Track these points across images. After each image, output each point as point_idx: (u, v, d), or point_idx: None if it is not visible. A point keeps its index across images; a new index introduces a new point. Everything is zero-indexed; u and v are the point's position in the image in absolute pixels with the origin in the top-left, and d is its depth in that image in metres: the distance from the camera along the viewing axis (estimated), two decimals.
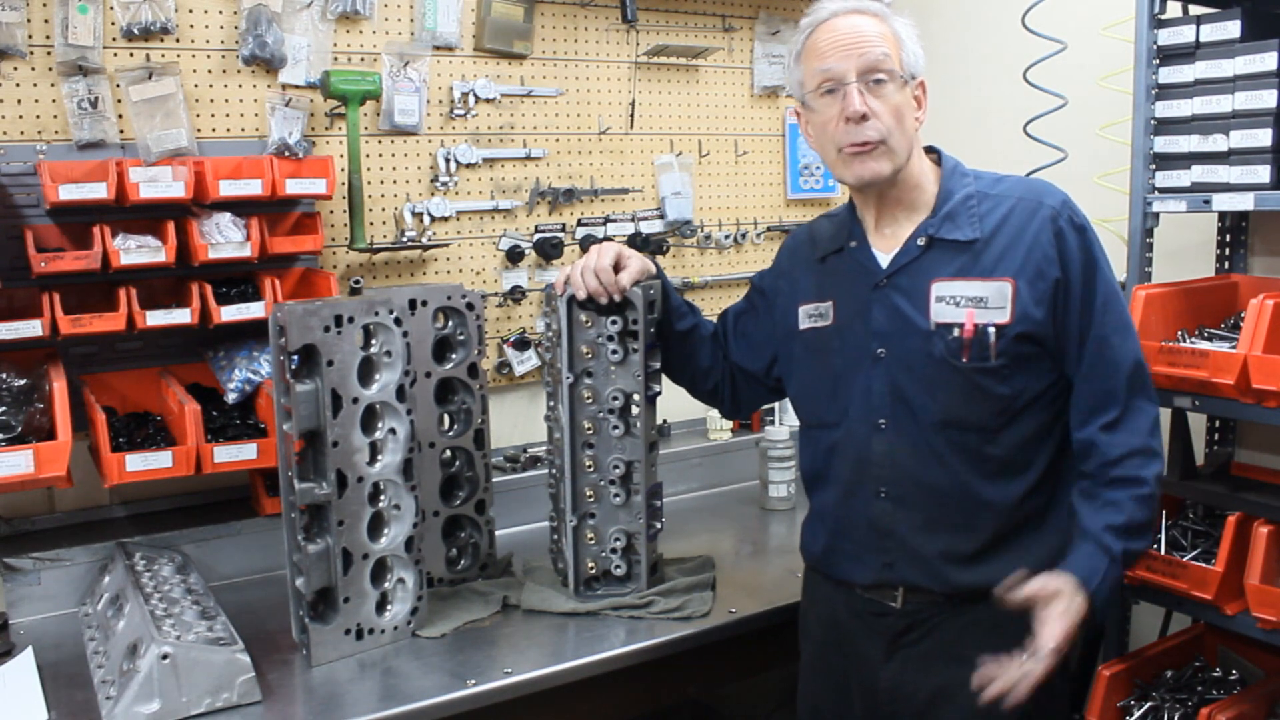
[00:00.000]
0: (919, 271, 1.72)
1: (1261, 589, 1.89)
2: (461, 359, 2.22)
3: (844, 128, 1.68)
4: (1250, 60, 2.01)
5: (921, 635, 1.76)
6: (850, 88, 1.66)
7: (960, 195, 1.73)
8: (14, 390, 2.02)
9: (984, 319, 1.66)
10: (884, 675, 1.78)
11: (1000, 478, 1.70)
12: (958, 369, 1.67)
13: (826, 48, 1.69)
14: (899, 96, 1.68)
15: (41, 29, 2.16)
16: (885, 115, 1.66)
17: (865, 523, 1.77)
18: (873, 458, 1.74)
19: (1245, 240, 2.40)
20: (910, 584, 1.75)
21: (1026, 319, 1.65)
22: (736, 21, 3.08)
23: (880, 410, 1.73)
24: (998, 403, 1.68)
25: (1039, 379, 1.69)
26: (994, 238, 1.69)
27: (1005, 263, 1.67)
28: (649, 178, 2.99)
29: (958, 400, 1.68)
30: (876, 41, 1.67)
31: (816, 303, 1.84)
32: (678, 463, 2.87)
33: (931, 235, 1.72)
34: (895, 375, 1.72)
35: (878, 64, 1.66)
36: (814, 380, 1.85)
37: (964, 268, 1.69)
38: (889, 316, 1.73)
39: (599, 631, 2.01)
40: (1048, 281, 1.66)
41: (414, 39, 2.57)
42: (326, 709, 1.73)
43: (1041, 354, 1.68)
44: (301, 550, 1.85)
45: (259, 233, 2.19)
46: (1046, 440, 1.72)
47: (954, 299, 1.68)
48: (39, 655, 1.93)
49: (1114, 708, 2.15)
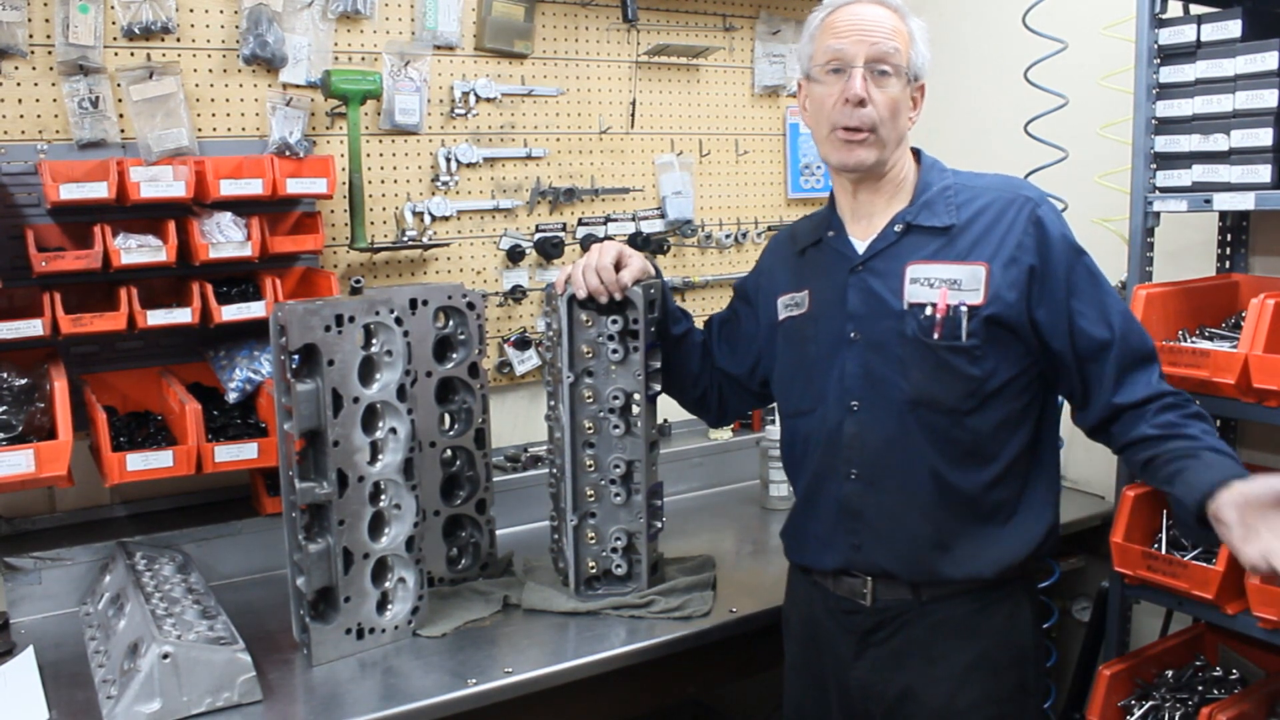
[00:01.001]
0: (895, 255, 1.75)
1: (1262, 588, 1.89)
2: (462, 358, 2.22)
3: (841, 108, 1.71)
4: (1251, 60, 2.01)
5: (890, 634, 1.77)
6: (856, 71, 1.70)
7: (938, 186, 1.77)
8: (15, 390, 2.02)
9: (956, 299, 1.68)
10: (855, 673, 1.79)
11: (967, 463, 1.72)
12: (929, 346, 1.69)
13: (843, 28, 1.72)
14: (899, 91, 1.72)
15: (42, 28, 2.16)
16: (882, 106, 1.70)
17: (835, 504, 1.79)
18: (843, 439, 1.76)
19: (1246, 240, 2.40)
20: (878, 570, 1.76)
21: (999, 301, 1.67)
22: (737, 21, 3.08)
23: (853, 392, 1.75)
24: (968, 383, 1.69)
25: (1011, 364, 1.71)
26: (970, 225, 1.72)
27: (980, 247, 1.70)
28: (650, 177, 2.99)
29: (928, 378, 1.70)
30: (890, 34, 1.71)
31: (793, 293, 1.87)
32: (678, 462, 2.88)
33: (909, 222, 1.75)
34: (868, 357, 1.74)
35: (886, 55, 1.70)
36: (791, 368, 1.87)
37: (939, 251, 1.72)
38: (863, 299, 1.75)
39: (599, 631, 2.01)
40: (1021, 268, 1.68)
41: (414, 38, 2.57)
42: (327, 708, 1.73)
43: (1014, 339, 1.70)
44: (302, 550, 1.85)
45: (260, 232, 2.19)
46: (1017, 431, 1.73)
47: (928, 280, 1.70)
48: (40, 654, 1.93)
49: (1114, 707, 2.15)
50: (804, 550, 1.88)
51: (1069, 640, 2.68)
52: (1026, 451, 1.74)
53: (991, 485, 1.72)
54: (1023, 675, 1.77)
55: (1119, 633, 2.29)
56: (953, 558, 1.72)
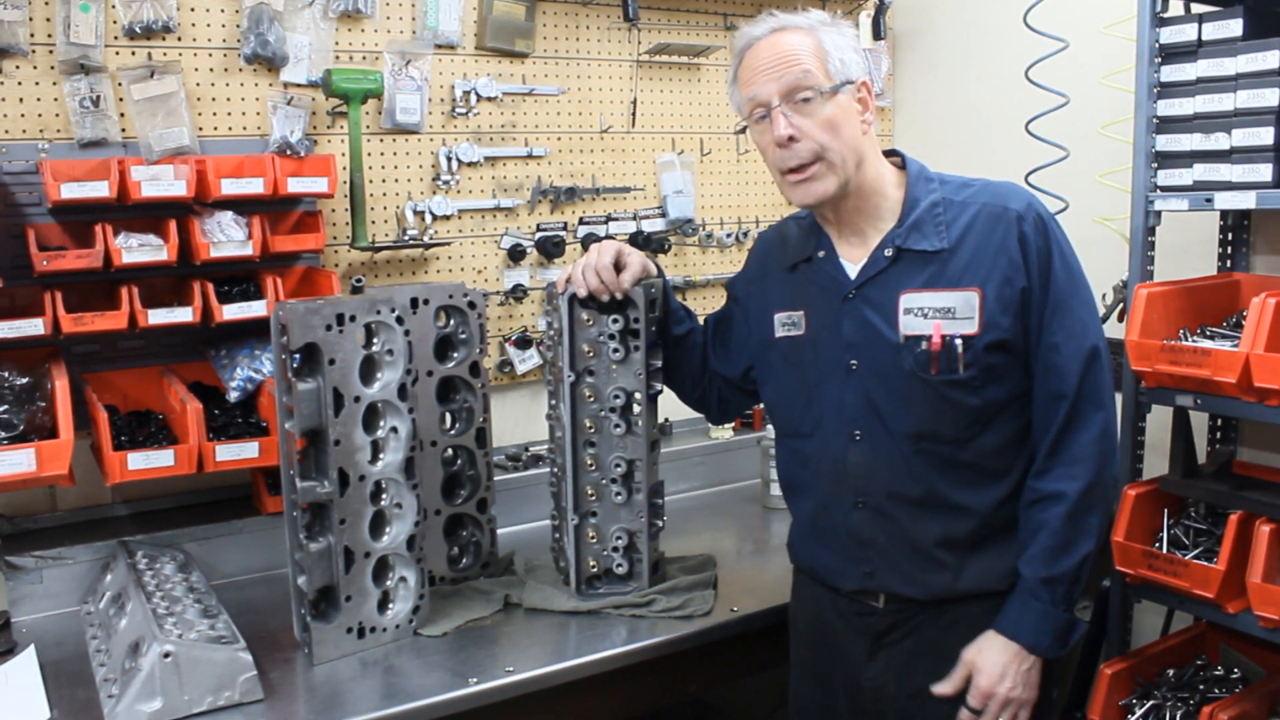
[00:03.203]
0: (887, 283, 1.71)
1: (1263, 587, 1.89)
2: (463, 357, 2.22)
3: (776, 152, 1.69)
4: (1252, 59, 2.01)
5: (904, 635, 1.77)
6: (775, 112, 1.66)
7: (926, 203, 1.72)
8: (16, 389, 2.02)
9: (951, 330, 1.66)
10: (867, 674, 1.79)
11: (976, 485, 1.71)
12: (927, 383, 1.68)
13: (749, 75, 1.70)
14: (830, 108, 1.66)
15: (43, 27, 2.16)
16: (816, 131, 1.65)
17: (845, 533, 1.78)
18: (848, 468, 1.75)
19: (1247, 239, 2.40)
20: (891, 592, 1.76)
21: (994, 327, 1.66)
22: (738, 20, 3.07)
23: (855, 421, 1.74)
24: (968, 414, 1.68)
25: (1010, 386, 1.70)
26: (960, 246, 1.69)
27: (972, 271, 1.67)
28: (651, 176, 2.99)
29: (928, 413, 1.69)
30: (796, 59, 1.66)
31: (790, 311, 1.83)
32: (679, 461, 2.87)
33: (899, 246, 1.71)
34: (868, 387, 1.72)
35: (798, 83, 1.65)
36: (788, 389, 1.85)
37: (931, 278, 1.69)
38: (859, 328, 1.73)
39: (600, 630, 2.01)
40: (1015, 289, 1.66)
41: (415, 37, 2.57)
42: (328, 707, 1.73)
43: (1012, 362, 1.69)
44: (303, 549, 1.85)
45: (261, 231, 2.19)
46: (1022, 447, 1.73)
47: (921, 310, 1.68)
48: (41, 653, 1.93)
49: (1116, 706, 2.15)
50: (817, 570, 1.87)
51: None
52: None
53: (1003, 502, 1.72)
54: None
55: (1120, 632, 2.29)
56: (967, 575, 1.72)
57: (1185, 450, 2.16)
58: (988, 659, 1.68)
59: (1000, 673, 1.66)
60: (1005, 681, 1.66)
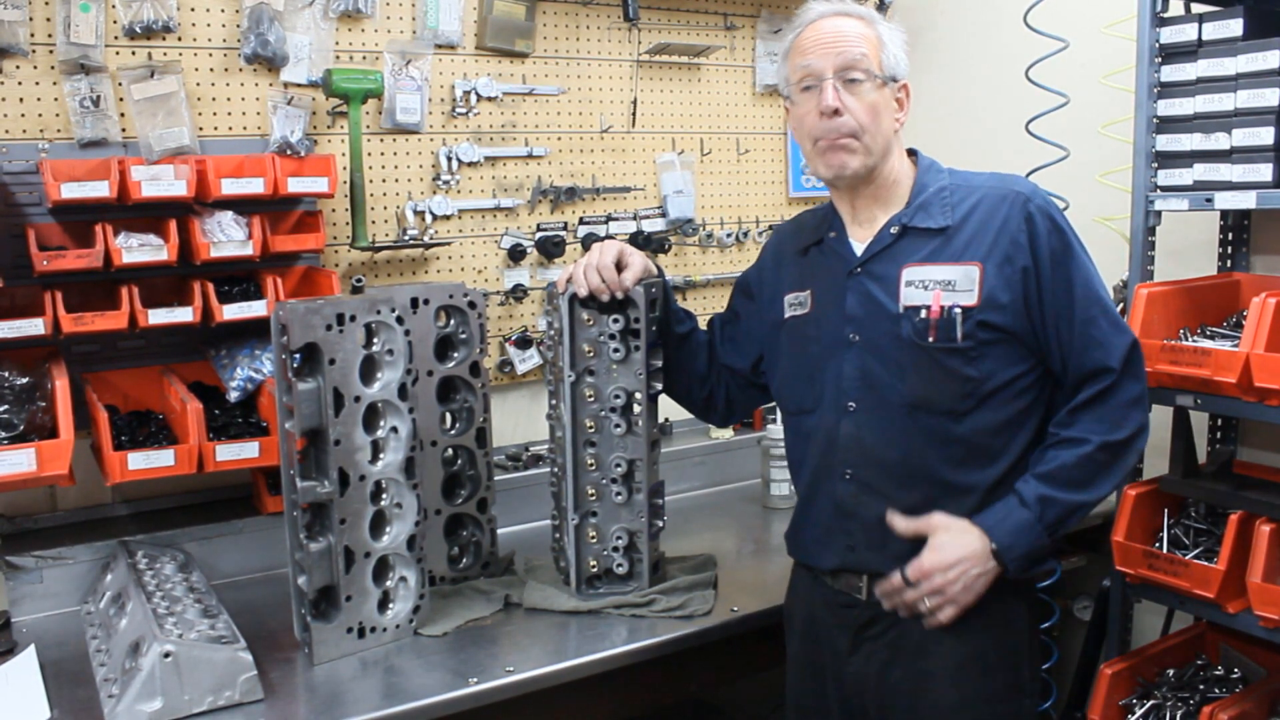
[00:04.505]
0: (891, 258, 1.76)
1: (1263, 587, 1.89)
2: (463, 357, 2.22)
3: (819, 122, 1.74)
4: (1252, 59, 2.01)
5: (885, 628, 1.77)
6: (826, 83, 1.72)
7: (934, 188, 1.78)
8: (16, 389, 2.02)
9: (950, 300, 1.69)
10: (850, 667, 1.81)
11: (968, 463, 1.72)
12: (924, 349, 1.70)
13: (809, 46, 1.76)
14: (876, 95, 1.73)
15: (43, 27, 2.16)
16: (859, 112, 1.72)
17: (831, 504, 1.80)
18: (840, 440, 1.77)
19: (1247, 239, 2.40)
20: (871, 570, 1.77)
21: (993, 302, 1.68)
22: (738, 20, 3.08)
23: (849, 393, 1.76)
24: (964, 384, 1.70)
25: (1008, 366, 1.71)
26: (964, 224, 1.73)
27: (974, 247, 1.71)
28: (651, 176, 2.99)
29: (924, 381, 1.71)
30: (856, 42, 1.73)
31: (798, 291, 1.88)
32: (679, 461, 2.87)
33: (904, 224, 1.76)
34: (865, 359, 1.75)
35: (854, 63, 1.72)
36: (794, 367, 1.88)
37: (934, 252, 1.73)
38: (861, 302, 1.76)
39: (601, 630, 2.01)
40: (1016, 267, 1.69)
41: (416, 37, 2.57)
42: (328, 707, 1.73)
43: (1010, 340, 1.70)
44: (303, 548, 1.85)
45: (261, 231, 2.19)
46: (1020, 431, 1.74)
47: (923, 282, 1.72)
48: (41, 653, 1.93)
49: (1116, 706, 2.15)
50: (803, 549, 1.89)
51: (1070, 639, 2.68)
52: (1031, 449, 1.74)
53: (996, 485, 1.73)
54: (1016, 675, 1.77)
55: (1120, 631, 2.29)
56: None
57: (1185, 450, 2.17)
58: (948, 540, 1.69)
59: (952, 562, 1.67)
60: (950, 572, 1.67)
